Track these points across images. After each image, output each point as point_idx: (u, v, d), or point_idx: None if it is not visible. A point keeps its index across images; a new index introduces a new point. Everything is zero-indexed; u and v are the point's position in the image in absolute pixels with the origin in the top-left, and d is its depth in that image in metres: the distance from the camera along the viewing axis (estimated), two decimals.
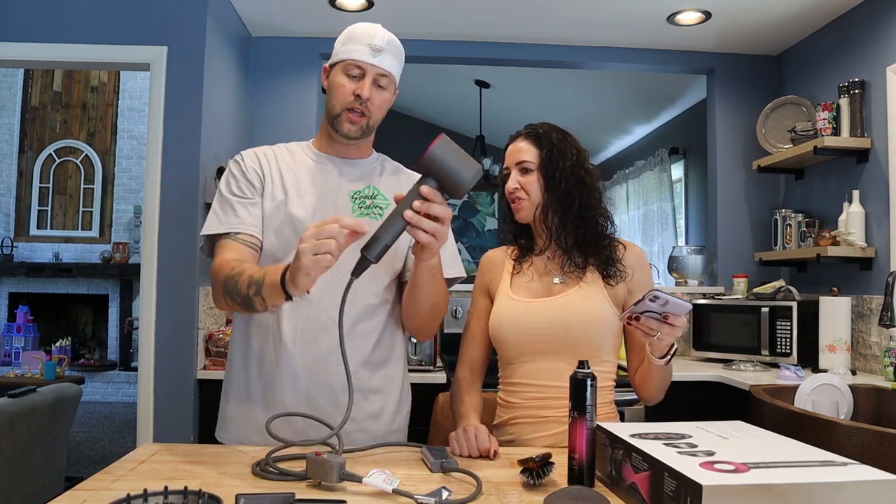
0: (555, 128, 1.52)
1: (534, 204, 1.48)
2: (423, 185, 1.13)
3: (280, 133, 3.27)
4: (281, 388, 1.34)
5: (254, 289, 1.19)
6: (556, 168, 1.46)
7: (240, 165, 1.40)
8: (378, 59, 1.33)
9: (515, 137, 1.53)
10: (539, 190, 1.47)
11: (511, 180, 1.49)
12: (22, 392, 2.42)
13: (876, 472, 0.87)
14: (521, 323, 1.43)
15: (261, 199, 1.37)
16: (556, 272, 1.48)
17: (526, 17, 3.16)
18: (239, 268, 1.25)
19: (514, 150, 1.51)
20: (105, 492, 0.99)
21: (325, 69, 1.40)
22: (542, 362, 1.43)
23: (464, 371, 1.54)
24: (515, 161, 1.49)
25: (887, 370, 2.41)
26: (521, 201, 1.48)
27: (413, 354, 2.71)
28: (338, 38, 1.38)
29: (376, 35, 1.34)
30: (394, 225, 1.12)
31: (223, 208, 1.37)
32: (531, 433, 1.43)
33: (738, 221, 3.48)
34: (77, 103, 6.89)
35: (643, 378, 1.43)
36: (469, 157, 1.14)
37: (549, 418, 1.42)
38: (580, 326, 1.40)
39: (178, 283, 2.71)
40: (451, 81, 5.89)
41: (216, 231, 1.35)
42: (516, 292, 1.49)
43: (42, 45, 2.77)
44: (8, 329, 6.53)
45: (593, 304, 1.42)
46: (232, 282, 1.23)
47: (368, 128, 1.38)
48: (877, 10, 2.78)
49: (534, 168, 1.47)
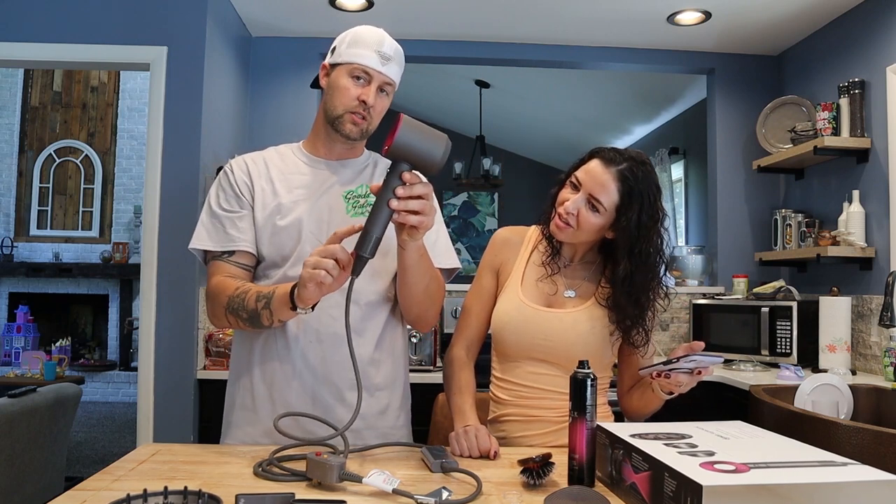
0: (651, 179, 1.35)
1: (577, 239, 1.40)
2: (398, 170, 1.12)
3: (280, 133, 3.27)
4: (287, 389, 1.34)
5: (263, 302, 1.23)
6: (629, 230, 1.33)
7: (229, 178, 1.39)
8: (386, 67, 1.33)
9: (609, 163, 1.34)
10: (594, 232, 1.37)
11: (572, 202, 1.35)
12: (22, 392, 2.42)
13: (876, 472, 0.87)
14: (525, 329, 1.42)
15: (251, 210, 1.37)
16: (573, 285, 1.45)
17: (526, 17, 3.16)
18: (244, 287, 1.29)
19: (596, 175, 1.34)
20: (105, 492, 0.99)
21: (325, 67, 1.38)
22: (538, 367, 1.43)
23: (459, 350, 1.51)
24: (590, 190, 1.33)
25: (887, 370, 2.41)
26: (568, 228, 1.36)
27: (413, 354, 2.70)
28: (340, 38, 1.37)
29: (384, 42, 1.34)
30: (380, 216, 1.12)
31: (213, 224, 1.37)
32: (520, 431, 1.44)
33: (738, 221, 3.48)
34: (77, 103, 6.89)
35: (640, 402, 1.43)
36: (435, 131, 1.13)
37: (538, 418, 1.42)
38: (581, 346, 1.39)
39: (178, 283, 2.71)
40: (451, 81, 5.89)
41: (207, 248, 1.36)
42: (526, 293, 1.44)
43: (42, 45, 2.77)
44: (8, 329, 6.53)
45: (599, 326, 1.40)
46: (238, 299, 1.27)
47: (367, 131, 1.39)
48: (877, 10, 2.78)
49: (602, 212, 1.34)
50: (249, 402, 1.37)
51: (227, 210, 1.37)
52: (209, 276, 1.36)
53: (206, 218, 1.38)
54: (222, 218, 1.36)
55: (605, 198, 1.33)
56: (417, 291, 1.34)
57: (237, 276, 1.34)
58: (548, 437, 1.41)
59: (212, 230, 1.36)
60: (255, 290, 1.25)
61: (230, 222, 1.35)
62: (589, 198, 1.34)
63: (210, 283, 1.34)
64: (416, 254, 1.26)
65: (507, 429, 1.45)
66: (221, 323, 1.33)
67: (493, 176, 6.22)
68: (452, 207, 7.94)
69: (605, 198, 1.33)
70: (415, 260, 1.27)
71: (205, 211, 1.39)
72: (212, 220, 1.37)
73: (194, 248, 1.37)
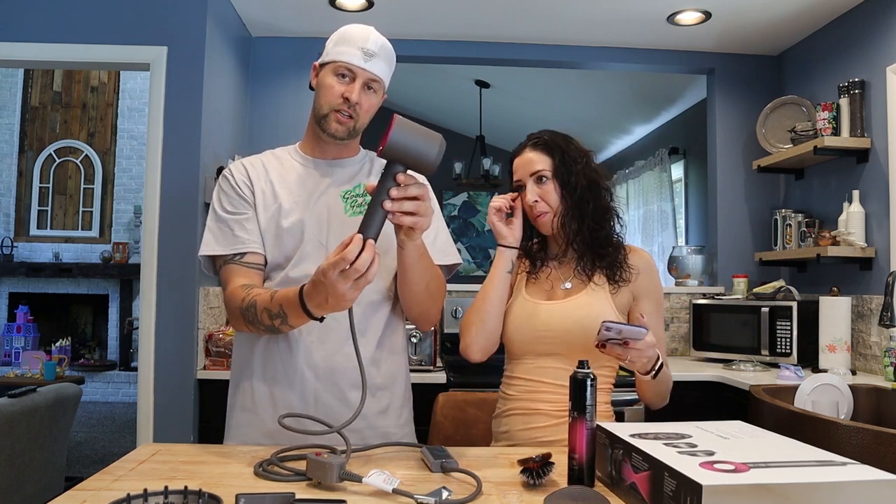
0: (557, 133, 1.52)
1: (555, 213, 1.47)
2: (392, 171, 1.11)
3: (280, 133, 3.28)
4: (289, 389, 1.34)
5: (279, 320, 1.22)
6: (570, 173, 1.46)
7: (229, 181, 1.39)
8: (370, 63, 1.32)
9: (522, 149, 1.51)
10: (557, 198, 1.47)
11: (530, 193, 1.47)
12: (22, 392, 2.42)
13: (876, 472, 0.87)
14: (526, 323, 1.46)
15: (254, 211, 1.37)
16: (567, 277, 1.50)
17: (526, 17, 3.16)
18: (249, 298, 1.26)
19: (524, 161, 1.49)
20: (105, 492, 0.99)
21: (315, 67, 1.39)
22: (542, 361, 1.46)
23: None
24: (530, 172, 1.48)
25: (887, 370, 2.41)
26: (545, 214, 1.47)
27: (413, 354, 2.70)
28: (329, 37, 1.37)
29: (369, 39, 1.33)
30: (375, 218, 1.11)
31: (220, 228, 1.36)
32: (522, 425, 1.46)
33: (738, 221, 3.48)
34: (77, 103, 6.89)
35: (639, 387, 1.45)
36: (429, 131, 1.12)
37: (539, 411, 1.44)
38: (579, 331, 1.42)
39: (178, 283, 2.71)
40: (451, 81, 5.89)
41: (215, 253, 1.36)
42: (531, 293, 1.51)
43: (42, 45, 2.77)
44: (8, 329, 6.53)
45: (595, 309, 1.43)
46: (249, 314, 1.26)
47: (355, 130, 1.38)
48: (877, 10, 2.78)
49: (549, 177, 1.46)
50: (250, 404, 1.37)
51: (232, 213, 1.36)
52: (223, 284, 1.36)
53: (213, 223, 1.38)
54: (229, 221, 1.36)
55: (541, 165, 1.47)
56: (418, 290, 1.34)
57: (250, 277, 1.33)
58: (548, 431, 1.43)
59: (219, 235, 1.36)
60: (262, 307, 1.23)
61: (237, 225, 1.35)
62: (533, 177, 1.47)
63: (225, 293, 1.35)
64: (415, 253, 1.25)
65: (510, 423, 1.48)
66: (243, 330, 1.33)
67: (493, 176, 6.22)
68: (452, 207, 7.94)
69: (541, 165, 1.47)
70: (414, 259, 1.27)
71: (210, 217, 1.39)
72: (218, 224, 1.37)
73: (203, 256, 1.37)
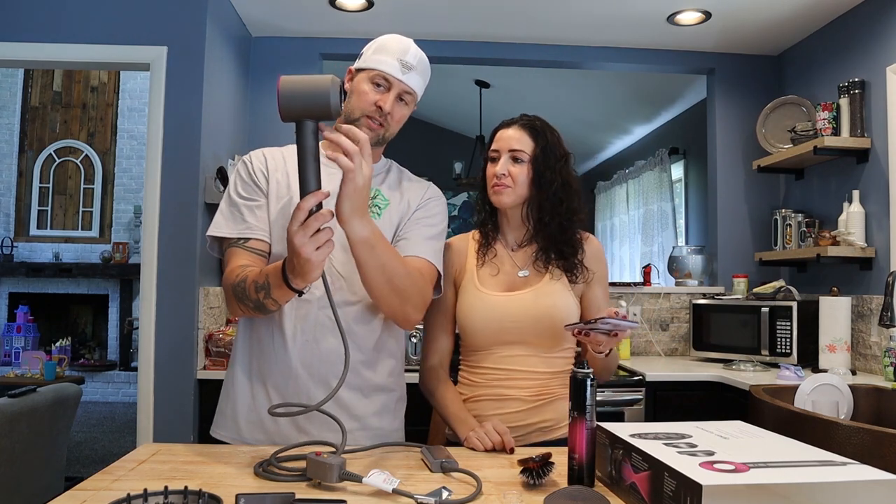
0: (549, 125, 1.53)
1: (517, 195, 1.48)
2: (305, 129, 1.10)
3: (280, 133, 3.27)
4: (283, 385, 1.34)
5: (263, 293, 1.22)
6: (546, 166, 1.47)
7: (247, 166, 1.41)
8: (407, 76, 1.34)
9: (510, 124, 1.52)
10: (527, 183, 1.48)
11: (500, 165, 1.48)
12: (22, 392, 2.42)
13: (876, 472, 0.87)
14: (492, 316, 1.47)
15: (266, 199, 1.38)
16: (523, 265, 1.52)
17: (526, 17, 3.16)
18: (242, 274, 1.27)
19: (507, 136, 1.50)
20: (105, 492, 0.99)
21: (351, 71, 1.40)
22: (510, 350, 1.48)
23: (434, 361, 1.54)
24: (508, 147, 1.49)
25: (887, 370, 2.41)
26: (506, 188, 1.48)
27: (413, 354, 2.71)
28: (369, 44, 1.39)
29: (408, 51, 1.35)
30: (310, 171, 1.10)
31: (231, 211, 1.38)
32: (493, 409, 1.47)
33: (738, 221, 3.48)
34: (77, 103, 6.89)
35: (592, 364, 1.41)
36: (316, 76, 1.11)
37: (512, 397, 1.46)
38: (548, 320, 1.45)
39: (178, 283, 2.71)
40: (451, 81, 5.89)
41: (224, 234, 1.37)
42: (484, 284, 1.50)
43: (42, 45, 2.77)
44: (8, 329, 6.53)
45: (560, 298, 1.46)
46: (240, 289, 1.26)
47: (384, 138, 1.39)
48: (877, 10, 2.78)
49: (526, 160, 1.48)
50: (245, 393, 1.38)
51: (245, 198, 1.38)
52: (224, 265, 1.37)
53: (225, 206, 1.39)
54: (240, 206, 1.37)
55: (521, 145, 1.48)
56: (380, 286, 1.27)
57: (251, 261, 1.34)
58: (521, 416, 1.45)
59: (229, 217, 1.37)
60: (251, 280, 1.24)
61: (248, 210, 1.37)
62: (510, 153, 1.48)
63: (224, 273, 1.36)
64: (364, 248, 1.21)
65: (479, 408, 1.48)
66: (236, 312, 1.33)
67: None
68: (452, 207, 7.94)
69: (521, 145, 1.48)
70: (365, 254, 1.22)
71: (224, 200, 1.41)
72: (230, 207, 1.38)
73: (211, 235, 1.38)
